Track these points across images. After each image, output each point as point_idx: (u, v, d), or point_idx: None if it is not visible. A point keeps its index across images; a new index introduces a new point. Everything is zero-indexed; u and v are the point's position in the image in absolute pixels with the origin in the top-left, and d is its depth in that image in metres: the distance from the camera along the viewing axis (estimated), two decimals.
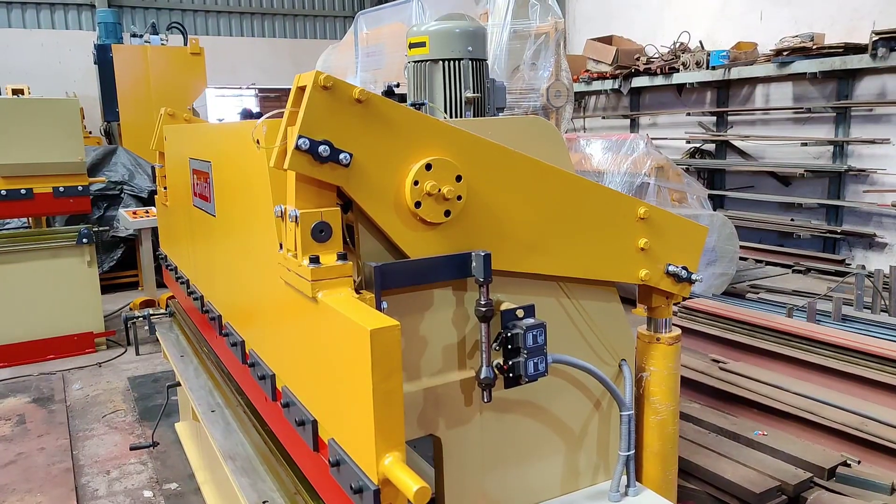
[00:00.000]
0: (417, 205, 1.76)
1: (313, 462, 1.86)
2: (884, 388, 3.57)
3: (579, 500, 2.21)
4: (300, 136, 1.61)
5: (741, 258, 7.82)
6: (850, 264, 8.00)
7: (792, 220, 8.82)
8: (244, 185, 2.21)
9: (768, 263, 8.21)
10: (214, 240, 2.78)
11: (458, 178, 1.80)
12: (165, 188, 3.86)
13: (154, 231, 7.37)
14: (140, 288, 8.41)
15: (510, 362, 1.92)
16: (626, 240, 2.14)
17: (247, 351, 2.41)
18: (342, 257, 1.68)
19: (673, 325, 2.42)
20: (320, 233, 1.67)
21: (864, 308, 5.72)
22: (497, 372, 1.91)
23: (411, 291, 1.86)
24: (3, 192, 5.76)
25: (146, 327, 5.60)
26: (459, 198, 1.81)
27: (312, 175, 1.65)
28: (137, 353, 6.12)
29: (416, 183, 1.75)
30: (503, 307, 1.95)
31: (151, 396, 5.09)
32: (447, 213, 1.81)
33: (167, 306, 4.49)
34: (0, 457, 4.21)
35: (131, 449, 3.93)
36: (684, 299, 2.40)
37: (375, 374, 1.42)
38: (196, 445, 4.08)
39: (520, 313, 1.95)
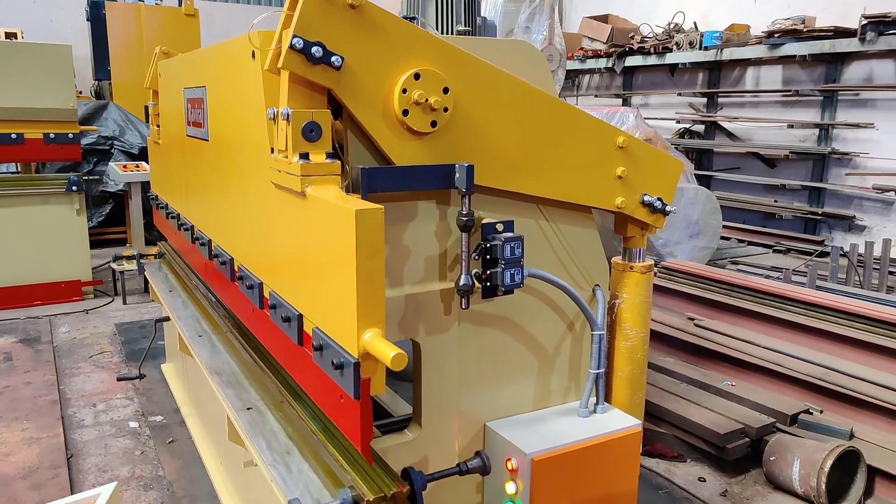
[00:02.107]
0: (405, 113, 1.84)
1: (298, 359, 1.95)
2: (850, 342, 3.71)
3: (550, 416, 2.32)
4: (294, 36, 1.68)
5: (724, 237, 7.98)
6: (829, 245, 8.16)
7: (775, 201, 8.97)
8: (238, 99, 2.28)
9: (750, 243, 8.37)
10: (207, 164, 2.85)
11: (446, 91, 1.88)
12: (158, 126, 3.90)
13: (144, 186, 7.40)
14: (128, 244, 8.43)
15: (488, 272, 2.02)
16: (604, 166, 2.24)
17: (236, 267, 2.49)
18: (331, 156, 1.76)
19: (654, 284, 2.50)
20: (310, 132, 1.75)
21: (839, 283, 5.87)
22: (475, 281, 2.00)
23: (396, 201, 1.95)
24: None
25: (134, 268, 5.67)
26: (446, 110, 1.89)
27: (305, 75, 1.73)
28: (125, 303, 6.24)
29: (404, 91, 1.83)
30: (484, 221, 2.05)
31: (138, 340, 5.15)
32: (433, 124, 1.89)
33: (157, 251, 4.54)
34: None
35: (118, 380, 4.01)
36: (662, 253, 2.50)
37: (360, 253, 1.51)
38: (181, 383, 4.16)
39: (499, 227, 2.05)
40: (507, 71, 2.03)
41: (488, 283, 2.02)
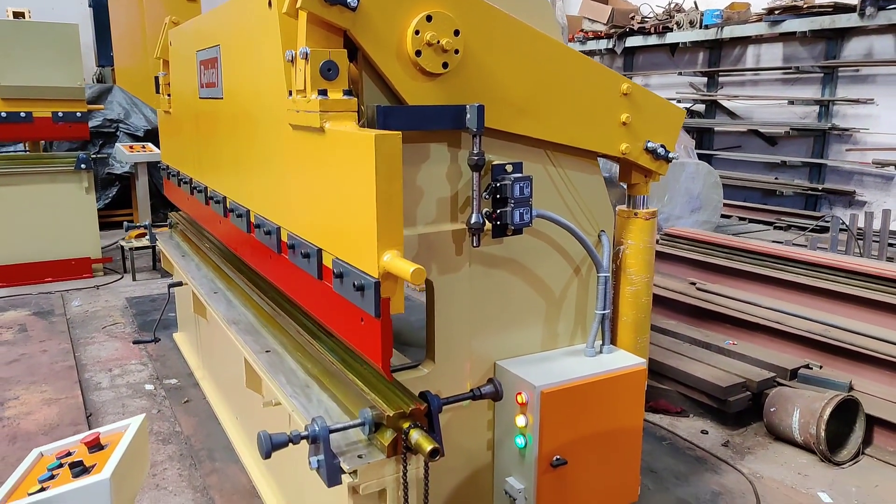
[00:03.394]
0: (418, 53, 1.91)
1: (318, 293, 2.03)
2: (849, 299, 3.79)
3: (557, 356, 2.40)
4: None
5: (725, 216, 8.05)
6: (827, 220, 8.23)
7: (776, 178, 9.03)
8: (254, 49, 2.34)
9: (751, 221, 8.44)
10: (221, 123, 2.92)
11: (457, 33, 1.95)
12: (169, 95, 3.97)
13: (150, 167, 7.48)
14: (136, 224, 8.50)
15: (498, 211, 2.09)
16: (609, 112, 2.31)
17: (252, 218, 2.57)
18: (348, 93, 1.83)
19: (657, 252, 2.57)
20: (328, 70, 1.82)
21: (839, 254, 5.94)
22: (486, 220, 2.08)
23: (409, 142, 2.02)
24: (3, 115, 5.84)
25: (144, 244, 5.76)
26: (457, 52, 1.96)
27: (322, 15, 1.80)
28: (134, 279, 6.33)
29: (416, 32, 1.90)
30: (494, 162, 2.12)
31: (149, 313, 5.24)
32: (445, 66, 1.96)
33: (168, 221, 4.61)
34: (3, 357, 4.37)
35: (134, 343, 4.10)
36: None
37: (379, 177, 1.58)
38: (194, 350, 4.25)
39: (509, 168, 2.13)
40: (513, 14, 2.10)
41: (498, 222, 2.10)
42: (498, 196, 2.09)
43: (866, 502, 2.86)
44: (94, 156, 6.49)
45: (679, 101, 10.23)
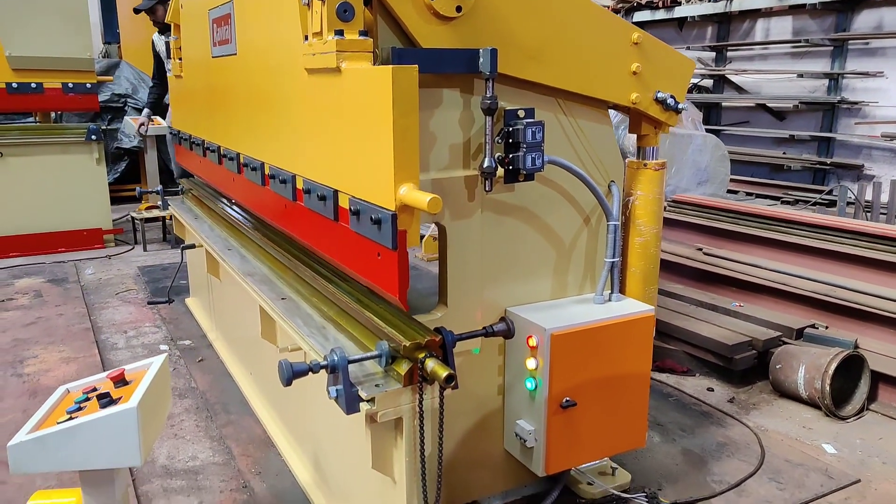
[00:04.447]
0: None
1: (334, 235, 2.08)
2: (854, 260, 3.82)
3: (567, 304, 2.44)
4: None
5: (732, 191, 8.05)
6: (836, 193, 8.23)
7: (784, 153, 9.01)
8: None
9: (758, 196, 8.43)
10: (235, 79, 2.95)
11: None
12: (180, 59, 4.00)
13: (159, 140, 7.51)
14: (144, 200, 8.56)
15: (510, 156, 2.13)
16: (619, 61, 2.33)
17: (267, 171, 2.61)
18: (364, 34, 1.86)
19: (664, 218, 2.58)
20: (344, 12, 1.85)
21: None
22: (498, 164, 2.12)
23: (422, 87, 2.05)
24: (14, 85, 5.88)
25: (155, 214, 5.82)
26: None
27: None
28: (145, 249, 6.41)
29: None
30: (506, 108, 2.15)
31: (161, 280, 5.31)
32: (458, 9, 1.98)
33: (180, 187, 4.66)
34: (20, 319, 4.45)
35: (148, 304, 4.17)
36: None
37: (396, 110, 1.62)
38: (206, 313, 4.32)
39: (521, 113, 2.15)
40: None
41: (510, 167, 2.14)
42: (510, 141, 2.12)
43: (871, 454, 2.91)
44: (105, 128, 6.51)
45: None
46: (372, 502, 2.11)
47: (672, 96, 2.45)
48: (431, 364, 1.72)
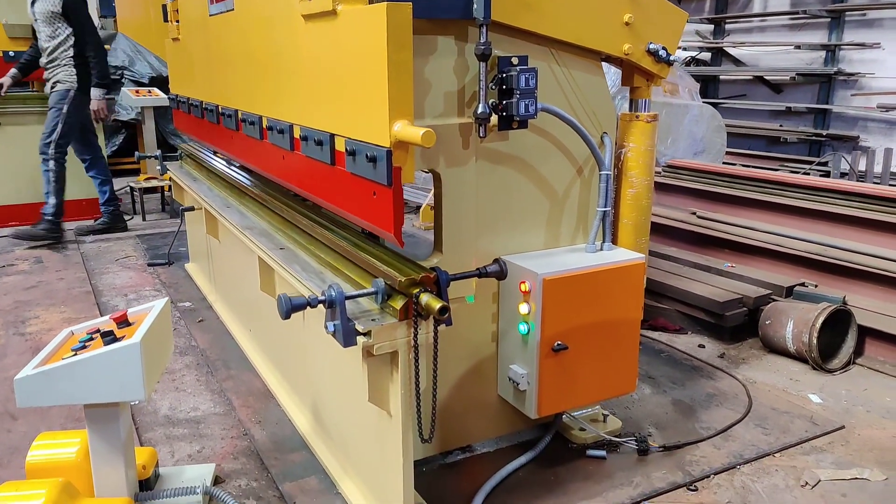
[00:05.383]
0: None
1: (331, 180, 2.12)
2: (846, 220, 3.88)
3: (559, 252, 2.49)
4: None
5: (728, 163, 8.08)
6: (828, 164, 8.27)
7: (780, 125, 9.04)
8: None
9: (755, 168, 8.49)
10: (232, 36, 2.97)
11: None
12: (178, 21, 4.00)
13: (157, 113, 7.50)
14: (143, 173, 8.57)
15: (504, 102, 2.16)
16: (612, 10, 2.36)
17: (265, 124, 2.65)
18: None
19: (658, 183, 2.63)
20: None
21: None
22: (492, 111, 2.15)
23: (418, 34, 2.08)
24: (11, 54, 5.87)
25: (158, 168, 5.83)
26: None
27: None
28: (144, 219, 6.43)
29: None
30: (500, 55, 2.18)
31: (160, 248, 5.35)
32: None
33: (179, 152, 4.69)
34: (21, 283, 4.50)
35: (148, 265, 4.21)
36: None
37: (390, 46, 1.66)
38: (206, 277, 4.38)
39: (514, 60, 2.18)
40: None
41: (504, 114, 2.17)
42: (504, 87, 2.16)
43: (855, 403, 2.99)
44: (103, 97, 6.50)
45: (685, 50, 10.17)
46: (369, 441, 2.18)
47: (664, 48, 2.48)
48: (426, 298, 1.77)
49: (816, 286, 3.74)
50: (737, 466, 2.50)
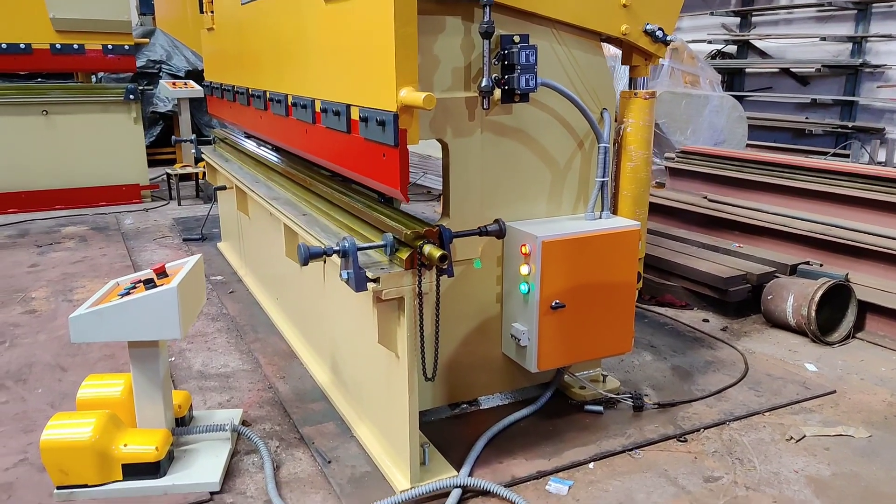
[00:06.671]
0: None
1: (348, 147, 2.33)
2: (852, 201, 3.97)
3: (561, 220, 2.67)
4: None
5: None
6: (847, 151, 8.24)
7: (806, 118, 9.01)
8: None
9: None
10: (262, 23, 3.22)
11: None
12: (212, 12, 4.28)
13: (192, 105, 7.85)
14: (179, 162, 8.95)
15: (506, 76, 2.35)
16: None
17: (290, 101, 2.88)
18: None
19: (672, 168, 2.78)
20: None
21: None
22: (495, 84, 2.34)
23: (426, 14, 2.28)
24: (58, 46, 6.24)
25: (193, 151, 6.13)
26: None
27: None
28: (179, 204, 6.77)
29: None
30: (503, 34, 2.37)
31: (194, 229, 5.65)
32: None
33: (212, 137, 4.97)
34: (67, 259, 4.84)
35: (183, 240, 4.49)
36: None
37: (397, 20, 1.87)
38: (236, 254, 4.65)
39: (516, 38, 2.37)
40: None
41: (506, 87, 2.36)
42: (506, 63, 2.35)
43: (850, 371, 3.11)
44: (143, 88, 6.86)
45: (710, 43, 10.19)
46: (380, 387, 2.39)
47: (660, 28, 2.64)
48: (428, 248, 1.97)
49: (822, 265, 3.84)
50: (727, 423, 2.65)
